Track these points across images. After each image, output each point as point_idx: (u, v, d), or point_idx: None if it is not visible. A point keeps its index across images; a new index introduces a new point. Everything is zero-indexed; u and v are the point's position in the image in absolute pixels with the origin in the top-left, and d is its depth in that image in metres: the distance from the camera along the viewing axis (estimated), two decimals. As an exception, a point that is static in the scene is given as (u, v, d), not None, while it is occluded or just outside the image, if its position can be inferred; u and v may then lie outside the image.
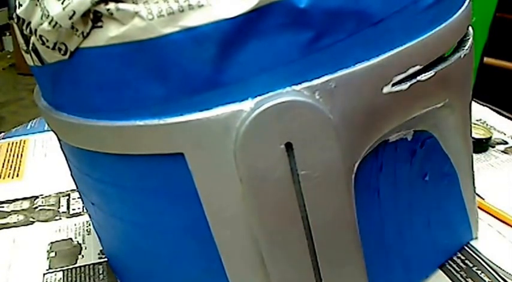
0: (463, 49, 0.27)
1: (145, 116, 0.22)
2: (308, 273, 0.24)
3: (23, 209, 0.46)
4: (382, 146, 0.25)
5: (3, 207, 0.46)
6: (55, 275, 0.37)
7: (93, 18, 0.21)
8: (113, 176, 0.25)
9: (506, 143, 0.53)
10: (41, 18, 0.22)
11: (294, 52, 0.21)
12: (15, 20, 0.24)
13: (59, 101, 0.25)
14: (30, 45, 0.24)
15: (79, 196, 0.33)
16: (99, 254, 0.39)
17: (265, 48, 0.21)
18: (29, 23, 0.23)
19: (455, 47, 0.27)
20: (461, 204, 0.34)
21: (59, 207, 0.46)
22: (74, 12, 0.21)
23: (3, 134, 0.61)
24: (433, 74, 0.24)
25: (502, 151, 0.51)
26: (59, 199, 0.47)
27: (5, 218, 0.44)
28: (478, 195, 0.42)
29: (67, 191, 0.48)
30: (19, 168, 0.53)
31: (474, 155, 0.33)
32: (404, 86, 0.23)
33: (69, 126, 0.25)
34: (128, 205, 0.26)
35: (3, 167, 0.53)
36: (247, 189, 0.22)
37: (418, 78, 0.24)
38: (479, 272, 0.35)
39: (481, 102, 0.62)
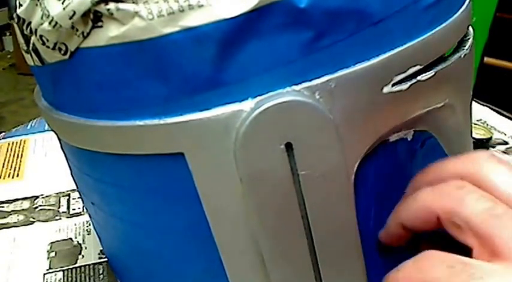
0: (463, 49, 0.27)
1: (145, 116, 0.22)
2: (308, 273, 0.24)
3: (23, 209, 0.46)
4: (382, 146, 0.25)
5: (3, 207, 0.46)
6: (55, 275, 0.37)
7: (93, 18, 0.21)
8: (113, 176, 0.25)
9: (507, 143, 0.53)
10: (41, 18, 0.22)
11: (294, 52, 0.21)
12: (16, 20, 0.24)
13: (59, 101, 0.25)
14: (31, 45, 0.24)
15: (79, 196, 0.33)
16: (99, 254, 0.39)
17: (265, 48, 0.21)
18: (29, 23, 0.23)
19: (455, 47, 0.27)
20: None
21: (59, 207, 0.46)
22: (74, 12, 0.21)
23: (3, 133, 0.61)
24: (433, 74, 0.24)
25: (503, 152, 0.51)
26: (59, 199, 0.47)
27: (5, 218, 0.44)
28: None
29: (67, 191, 0.48)
30: (19, 168, 0.53)
31: (474, 155, 0.33)
32: (404, 86, 0.23)
33: (70, 126, 0.25)
34: (128, 205, 0.26)
35: (3, 167, 0.53)
36: (247, 189, 0.22)
37: (418, 78, 0.24)
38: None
39: (481, 102, 0.62)
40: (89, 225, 0.43)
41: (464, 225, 0.21)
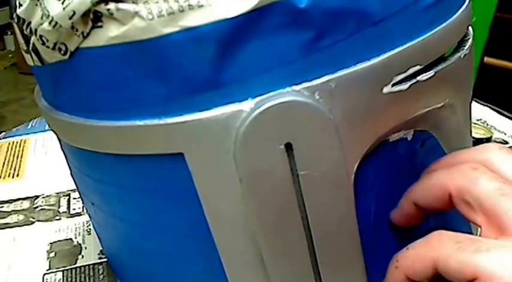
0: (463, 49, 0.27)
1: (145, 116, 0.22)
2: (308, 274, 0.24)
3: (23, 209, 0.46)
4: (382, 146, 0.25)
5: (3, 207, 0.46)
6: (55, 275, 0.37)
7: (93, 18, 0.21)
8: (112, 176, 0.25)
9: (507, 142, 0.53)
10: (41, 18, 0.22)
11: (294, 52, 0.21)
12: (16, 20, 0.24)
13: (59, 101, 0.25)
14: (31, 45, 0.24)
15: (79, 196, 0.33)
16: (99, 254, 0.39)
17: (265, 48, 0.21)
18: (29, 23, 0.23)
19: (455, 47, 0.27)
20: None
21: (59, 207, 0.46)
22: (74, 12, 0.21)
23: (3, 133, 0.61)
24: (433, 74, 0.24)
25: (502, 151, 0.51)
26: (59, 199, 0.47)
27: (5, 217, 0.44)
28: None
29: (67, 191, 0.48)
30: (19, 167, 0.53)
31: (474, 155, 0.33)
32: (404, 86, 0.23)
33: (69, 126, 0.25)
34: (127, 205, 0.26)
35: (3, 166, 0.53)
36: (247, 189, 0.22)
37: (418, 78, 0.24)
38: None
39: (482, 102, 0.62)
40: (89, 225, 0.43)
41: (475, 204, 0.22)
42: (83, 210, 0.45)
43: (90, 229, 0.42)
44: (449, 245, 0.21)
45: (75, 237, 0.41)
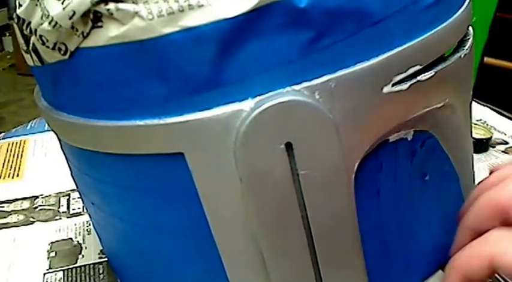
0: (463, 49, 0.27)
1: (145, 116, 0.22)
2: (308, 273, 0.24)
3: (23, 209, 0.46)
4: (382, 146, 0.25)
5: (3, 207, 0.46)
6: (55, 274, 0.37)
7: (93, 18, 0.21)
8: (112, 176, 0.25)
9: (507, 143, 0.53)
10: (41, 18, 0.22)
11: (294, 52, 0.21)
12: (15, 20, 0.24)
13: (59, 101, 0.25)
14: (30, 45, 0.24)
15: (79, 196, 0.33)
16: (99, 253, 0.39)
17: (265, 48, 0.21)
18: (29, 23, 0.23)
19: (455, 47, 0.27)
20: (462, 204, 0.34)
21: (59, 207, 0.46)
22: (74, 12, 0.21)
23: (3, 134, 0.61)
24: (433, 74, 0.24)
25: (503, 151, 0.51)
26: (59, 199, 0.47)
27: (5, 217, 0.44)
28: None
29: (67, 191, 0.48)
30: (19, 168, 0.53)
31: (474, 155, 0.33)
32: (404, 86, 0.23)
33: (69, 126, 0.25)
34: (127, 205, 0.26)
35: (3, 167, 0.53)
36: (247, 189, 0.22)
37: (418, 78, 0.24)
38: (479, 272, 0.35)
39: (482, 102, 0.62)
40: (89, 225, 0.43)
41: None
42: (83, 210, 0.45)
43: (90, 229, 0.42)
44: (505, 241, 0.21)
45: (75, 237, 0.41)
